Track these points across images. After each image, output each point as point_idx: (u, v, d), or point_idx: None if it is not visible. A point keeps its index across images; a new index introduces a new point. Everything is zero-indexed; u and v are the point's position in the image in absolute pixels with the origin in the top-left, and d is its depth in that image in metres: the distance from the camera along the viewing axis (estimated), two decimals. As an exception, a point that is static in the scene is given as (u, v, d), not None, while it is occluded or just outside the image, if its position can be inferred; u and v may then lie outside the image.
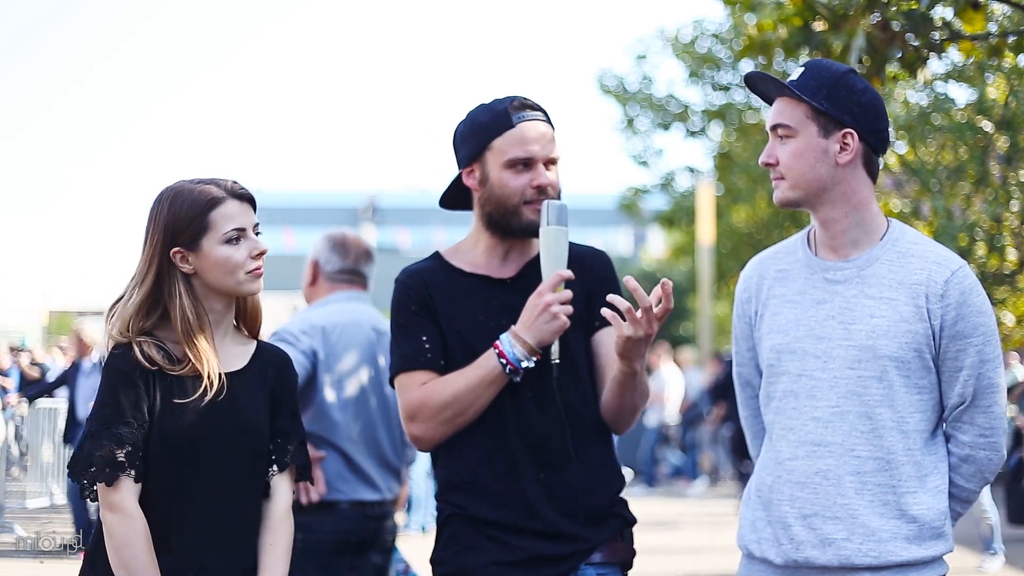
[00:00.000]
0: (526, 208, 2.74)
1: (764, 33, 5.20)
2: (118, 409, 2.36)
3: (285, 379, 2.57)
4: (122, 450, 2.34)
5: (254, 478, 2.48)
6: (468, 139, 2.79)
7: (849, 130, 2.54)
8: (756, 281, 2.74)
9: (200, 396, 2.40)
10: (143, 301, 2.44)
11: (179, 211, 2.44)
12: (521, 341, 2.64)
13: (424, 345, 2.74)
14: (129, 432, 2.35)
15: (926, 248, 2.58)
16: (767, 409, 2.67)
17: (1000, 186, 11.57)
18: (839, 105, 2.53)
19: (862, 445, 2.51)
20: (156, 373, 2.40)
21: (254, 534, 2.48)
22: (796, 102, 2.55)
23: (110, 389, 2.38)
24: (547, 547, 2.67)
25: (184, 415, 2.39)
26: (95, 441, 2.35)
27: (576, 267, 2.75)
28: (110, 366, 2.41)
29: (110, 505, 2.35)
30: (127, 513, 2.34)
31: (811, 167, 2.54)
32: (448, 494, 2.77)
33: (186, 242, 2.43)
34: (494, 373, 2.65)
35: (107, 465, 2.34)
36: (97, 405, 2.39)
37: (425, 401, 2.69)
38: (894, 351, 2.50)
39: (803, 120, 2.54)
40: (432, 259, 2.86)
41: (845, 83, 2.55)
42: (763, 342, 2.67)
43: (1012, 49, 5.14)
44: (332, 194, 58.24)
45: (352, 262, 3.99)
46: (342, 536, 3.71)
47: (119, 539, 2.34)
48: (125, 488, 2.35)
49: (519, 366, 2.64)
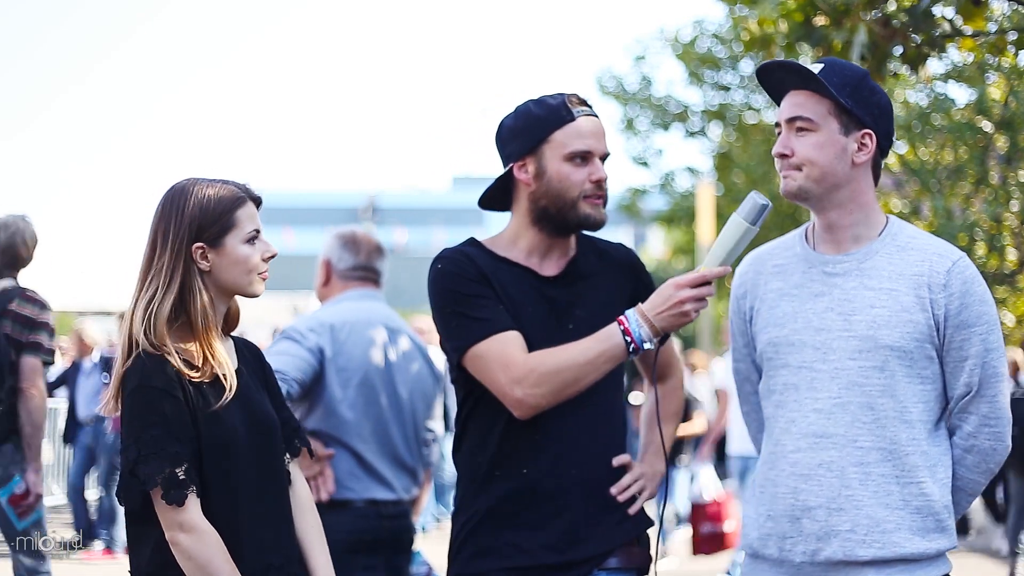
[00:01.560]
0: (584, 202, 2.72)
1: (765, 29, 5.20)
2: (167, 428, 2.30)
3: (267, 369, 2.59)
4: (180, 468, 2.29)
5: (282, 471, 2.49)
6: (521, 133, 2.75)
7: (868, 131, 2.54)
8: (752, 276, 2.73)
9: (225, 398, 2.37)
10: (174, 303, 2.38)
11: (207, 206, 2.40)
12: (648, 322, 2.59)
13: (503, 309, 2.69)
14: (183, 449, 2.31)
15: (925, 241, 2.58)
16: (767, 403, 2.66)
17: (1000, 186, 11.57)
18: (862, 105, 2.53)
19: (864, 436, 2.50)
20: (188, 383, 2.35)
21: (292, 524, 2.50)
22: (819, 96, 2.53)
23: (153, 408, 2.31)
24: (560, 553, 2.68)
25: (218, 420, 2.37)
26: (152, 464, 2.28)
27: (630, 272, 2.85)
28: (145, 384, 2.32)
29: (181, 526, 2.28)
30: (201, 530, 2.29)
31: (830, 162, 2.53)
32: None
33: (211, 238, 2.40)
34: (617, 349, 2.61)
35: (171, 486, 2.28)
36: (140, 426, 2.30)
37: (536, 366, 2.61)
38: (895, 341, 2.49)
39: (825, 115, 2.53)
40: (471, 245, 2.81)
41: (866, 84, 2.55)
42: (760, 336, 2.67)
43: (1013, 47, 5.14)
44: (332, 194, 58.30)
45: (365, 258, 3.97)
46: (356, 535, 3.68)
47: (201, 558, 2.28)
48: (192, 506, 2.30)
49: (642, 346, 2.61)
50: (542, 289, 2.75)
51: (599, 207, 2.75)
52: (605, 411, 2.77)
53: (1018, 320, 12.32)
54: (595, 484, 2.73)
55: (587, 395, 2.67)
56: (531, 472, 2.69)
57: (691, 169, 20.15)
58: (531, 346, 2.66)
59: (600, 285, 2.81)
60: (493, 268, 2.73)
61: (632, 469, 2.79)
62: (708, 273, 2.58)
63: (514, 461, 2.70)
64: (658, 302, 2.60)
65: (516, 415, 2.65)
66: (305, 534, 2.51)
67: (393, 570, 3.78)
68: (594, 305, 2.76)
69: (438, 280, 2.73)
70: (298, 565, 2.47)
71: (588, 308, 2.75)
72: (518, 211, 2.80)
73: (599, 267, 2.84)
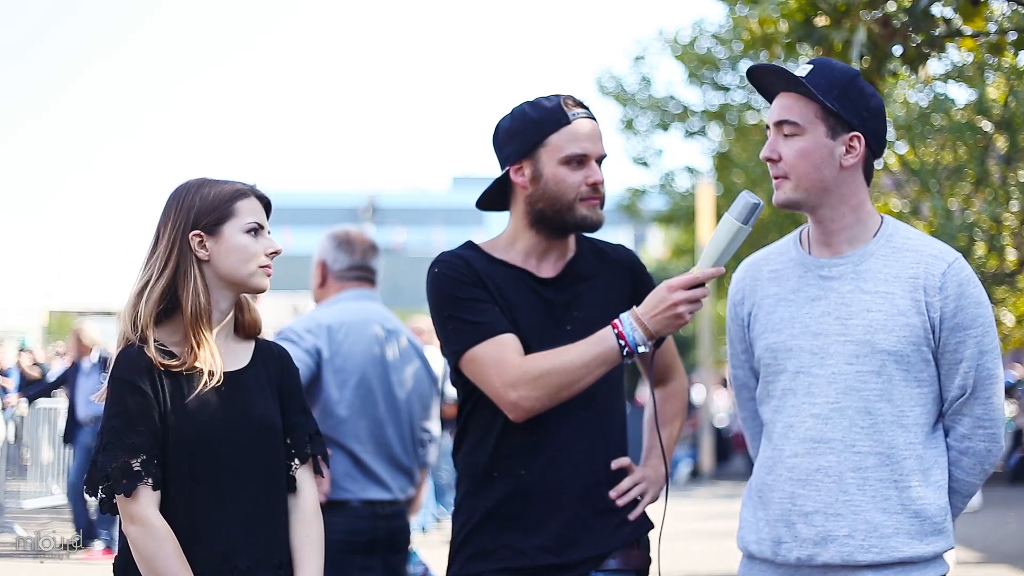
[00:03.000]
0: (581, 205, 2.72)
1: (766, 28, 5.20)
2: (127, 419, 2.33)
3: (288, 374, 2.57)
4: (136, 459, 2.31)
5: (274, 473, 2.47)
6: (517, 135, 2.75)
7: (857, 133, 2.52)
8: (749, 283, 2.72)
9: (206, 390, 2.37)
10: (165, 288, 2.40)
11: (206, 196, 2.44)
12: (642, 326, 2.59)
13: (499, 312, 2.69)
14: (141, 440, 2.32)
15: (921, 242, 2.56)
16: (765, 408, 2.66)
17: (1000, 186, 11.56)
18: (850, 107, 2.50)
19: (862, 440, 2.49)
20: (164, 373, 2.37)
21: (283, 530, 2.47)
22: (806, 99, 2.52)
23: (118, 399, 2.35)
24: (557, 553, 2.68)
25: (196, 414, 2.37)
26: (108, 454, 2.32)
27: (629, 273, 2.84)
28: (115, 376, 2.37)
29: (131, 517, 2.31)
30: (149, 523, 2.30)
31: (816, 168, 2.51)
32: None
33: (208, 225, 2.42)
34: (611, 353, 2.60)
35: (123, 476, 2.30)
36: (106, 417, 2.35)
37: (530, 370, 2.61)
38: (892, 345, 2.48)
39: (812, 119, 2.51)
40: (468, 248, 2.81)
41: (856, 86, 2.52)
42: (758, 342, 2.66)
43: (1013, 47, 5.14)
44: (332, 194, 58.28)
45: (360, 257, 3.97)
46: (352, 535, 3.68)
47: (146, 551, 2.30)
48: (144, 498, 2.31)
49: (636, 349, 2.60)
50: (540, 291, 2.74)
51: (596, 208, 2.74)
52: (604, 413, 2.77)
53: (1018, 320, 12.30)
54: (593, 486, 2.72)
55: (585, 397, 2.66)
56: (529, 473, 2.69)
57: (690, 169, 20.14)
58: (529, 348, 2.66)
59: (599, 286, 2.80)
60: (490, 271, 2.73)
61: (633, 473, 2.79)
62: (702, 274, 2.57)
63: (512, 462, 2.70)
64: (652, 305, 2.59)
65: (511, 418, 2.65)
66: (299, 543, 2.47)
67: (389, 570, 3.78)
68: (592, 307, 2.76)
69: (435, 284, 2.73)
70: (276, 571, 2.42)
71: (586, 310, 2.75)
72: (515, 213, 2.80)
73: (598, 268, 2.83)
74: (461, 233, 2.76)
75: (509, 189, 2.80)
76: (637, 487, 2.78)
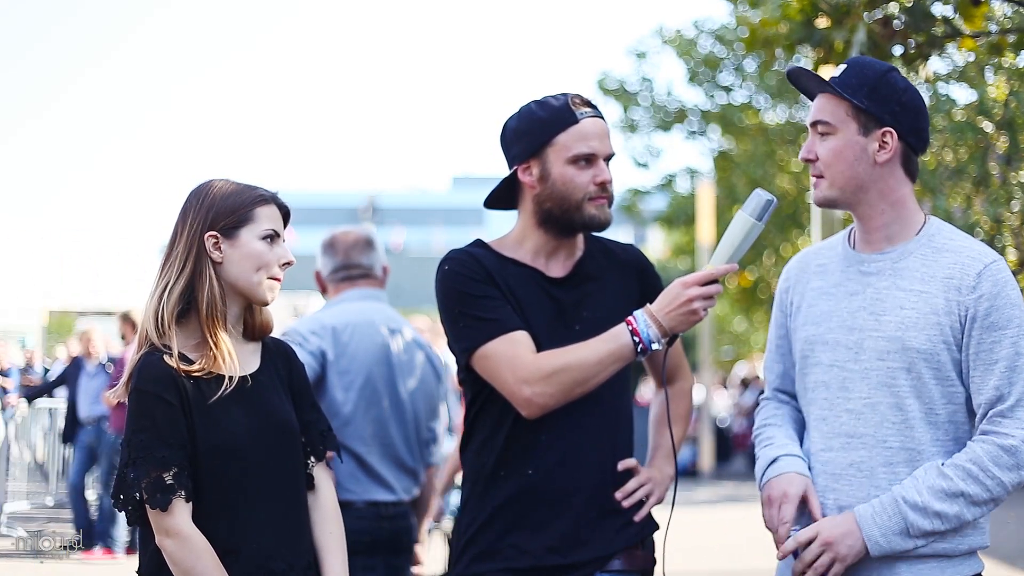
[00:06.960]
0: (589, 204, 2.72)
1: (767, 29, 5.20)
2: (156, 432, 2.30)
3: (295, 371, 2.56)
4: (168, 472, 2.29)
5: (296, 474, 2.46)
6: (524, 135, 2.75)
7: (889, 129, 2.53)
8: (796, 273, 2.75)
9: (227, 393, 2.36)
10: (183, 289, 2.38)
11: (227, 198, 2.42)
12: (656, 323, 2.59)
13: (511, 309, 2.68)
14: (172, 453, 2.30)
15: (961, 243, 2.56)
16: (801, 400, 2.68)
17: (1000, 186, 11.54)
18: (880, 103, 2.52)
19: (893, 436, 2.50)
20: (185, 379, 2.35)
21: (308, 529, 2.47)
22: (837, 99, 2.55)
23: (144, 411, 2.32)
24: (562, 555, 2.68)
25: (221, 421, 2.35)
26: (139, 468, 2.29)
27: (638, 273, 2.84)
28: (139, 388, 2.33)
29: (166, 531, 2.29)
30: (186, 536, 2.29)
31: (849, 165, 2.54)
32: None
33: (226, 228, 2.40)
34: (625, 349, 2.60)
35: (157, 490, 2.28)
36: (131, 429, 2.32)
37: (544, 366, 2.60)
38: (922, 343, 2.48)
39: (844, 118, 2.54)
40: (478, 246, 2.81)
41: (887, 81, 2.54)
42: (798, 333, 2.68)
43: (1013, 47, 5.14)
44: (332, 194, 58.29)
45: (343, 257, 3.93)
46: (354, 536, 3.68)
47: (185, 563, 2.28)
48: (179, 511, 2.29)
49: (650, 346, 2.60)
50: (549, 290, 2.74)
51: (604, 208, 2.74)
52: (612, 414, 2.77)
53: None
54: (600, 487, 2.73)
55: (594, 397, 2.66)
56: (536, 473, 2.69)
57: (691, 170, 20.14)
58: (539, 347, 2.65)
59: (608, 286, 2.80)
60: (500, 269, 2.73)
61: (639, 473, 2.79)
62: (715, 271, 2.58)
63: (520, 462, 2.70)
64: (666, 302, 2.59)
65: (524, 415, 2.64)
66: (324, 541, 2.48)
67: (392, 570, 3.77)
68: (601, 306, 2.76)
69: (445, 281, 2.72)
70: (306, 571, 2.42)
71: (595, 309, 2.75)
72: (523, 212, 2.80)
73: (607, 268, 2.83)
74: (461, 233, 2.74)
75: (517, 188, 2.80)
76: (643, 488, 2.78)
